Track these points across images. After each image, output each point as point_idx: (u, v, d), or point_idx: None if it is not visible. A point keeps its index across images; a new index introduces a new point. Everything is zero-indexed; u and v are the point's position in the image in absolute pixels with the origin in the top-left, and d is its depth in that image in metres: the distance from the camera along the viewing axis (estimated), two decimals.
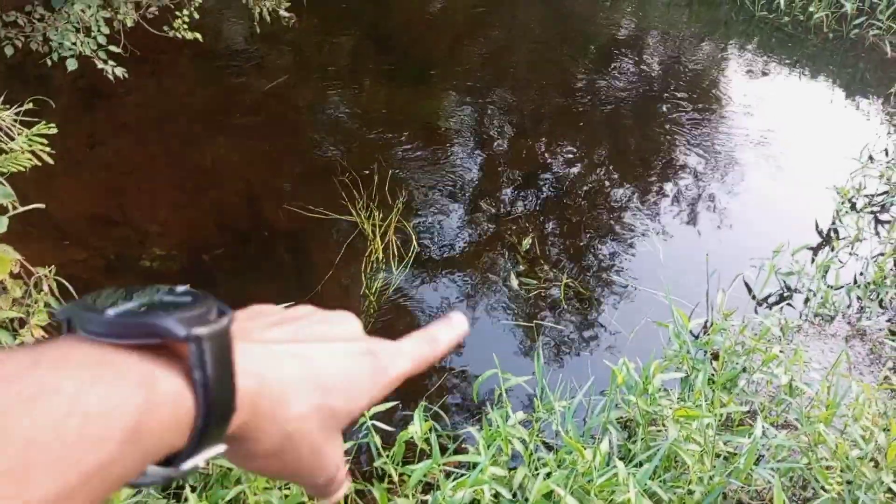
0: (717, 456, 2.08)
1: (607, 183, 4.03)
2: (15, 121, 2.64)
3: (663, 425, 2.23)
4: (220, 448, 0.34)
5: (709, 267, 3.02)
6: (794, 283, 3.18)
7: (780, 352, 2.48)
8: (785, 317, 2.93)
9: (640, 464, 2.07)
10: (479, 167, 4.14)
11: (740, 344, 2.56)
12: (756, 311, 3.04)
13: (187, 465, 0.32)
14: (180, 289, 0.34)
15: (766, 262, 3.05)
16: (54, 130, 2.51)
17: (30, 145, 2.57)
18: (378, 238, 3.42)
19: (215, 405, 0.32)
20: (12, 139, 2.52)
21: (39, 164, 2.57)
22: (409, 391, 2.87)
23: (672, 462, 2.11)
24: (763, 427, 2.03)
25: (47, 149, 2.59)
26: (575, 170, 4.13)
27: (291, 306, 0.43)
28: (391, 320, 3.18)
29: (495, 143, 4.39)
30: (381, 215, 3.56)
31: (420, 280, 3.37)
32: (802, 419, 2.14)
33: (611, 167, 4.18)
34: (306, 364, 0.37)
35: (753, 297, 3.13)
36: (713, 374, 2.43)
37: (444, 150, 4.23)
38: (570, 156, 4.25)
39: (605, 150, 4.36)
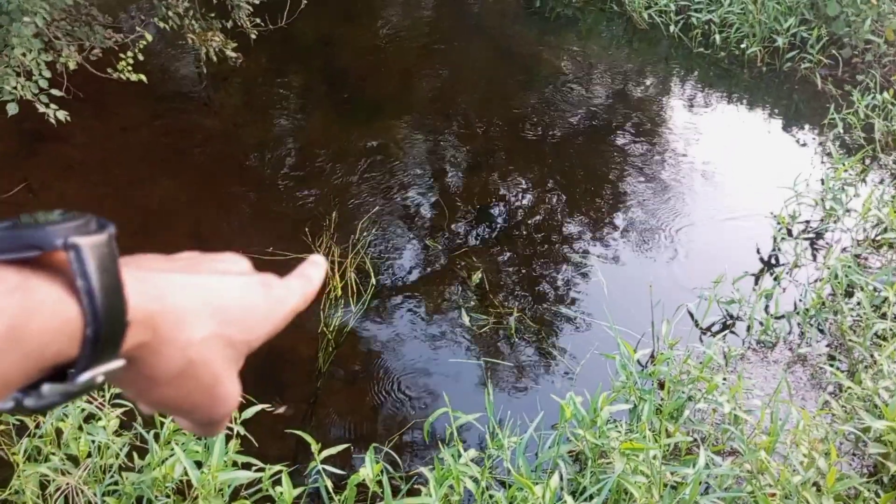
0: (666, 486, 2.11)
1: (555, 215, 4.11)
2: None
3: (613, 457, 2.26)
4: (118, 363, 0.34)
5: (653, 297, 3.09)
6: (735, 311, 3.27)
7: (724, 380, 2.54)
8: (728, 345, 3.00)
9: (591, 497, 2.08)
10: (432, 201, 4.18)
11: (686, 373, 2.61)
12: (701, 340, 3.11)
13: (83, 377, 0.32)
14: (58, 211, 0.34)
15: (705, 292, 3.14)
16: None
17: None
18: (336, 276, 3.41)
19: (104, 314, 0.32)
20: None
21: None
22: (361, 432, 2.85)
23: (622, 494, 2.13)
24: (707, 457, 2.07)
25: None
26: (523, 203, 4.20)
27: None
28: (347, 357, 3.17)
29: (446, 178, 4.44)
30: (339, 252, 3.55)
31: (376, 317, 3.37)
32: (745, 447, 2.18)
33: (558, 200, 4.26)
34: (203, 292, 0.38)
35: (697, 326, 3.20)
36: (660, 404, 2.47)
37: (397, 185, 4.26)
38: (519, 189, 4.32)
39: (552, 184, 4.44)
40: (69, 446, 2.23)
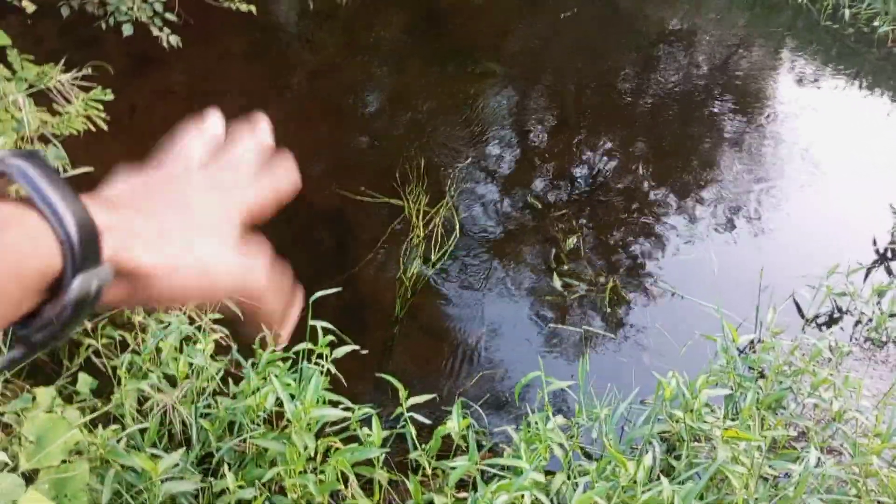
0: (764, 479, 2.03)
1: (652, 185, 3.95)
2: (73, 84, 2.64)
3: (707, 441, 2.18)
4: (105, 271, 0.34)
5: (761, 282, 2.94)
6: (845, 304, 3.09)
7: (830, 375, 2.42)
8: (836, 339, 2.85)
9: (682, 482, 2.02)
10: (524, 157, 4.08)
11: (788, 364, 2.49)
12: (804, 331, 2.97)
13: (74, 286, 0.33)
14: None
15: (819, 281, 2.97)
16: (111, 97, 2.51)
17: (85, 110, 2.57)
18: (421, 224, 3.37)
19: (69, 217, 0.32)
20: (69, 102, 2.53)
21: (94, 129, 2.57)
22: (435, 384, 2.84)
23: (715, 482, 2.06)
24: (816, 455, 1.97)
25: (102, 114, 2.59)
26: (619, 168, 4.05)
27: None
28: (422, 307, 3.14)
29: (541, 134, 4.33)
30: (426, 200, 3.51)
31: (458, 269, 3.32)
32: (854, 448, 2.07)
33: (655, 168, 4.10)
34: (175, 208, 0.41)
35: (803, 317, 3.05)
36: (758, 394, 2.37)
37: (490, 138, 4.17)
38: (615, 153, 4.17)
39: (649, 150, 4.27)
40: (168, 365, 2.28)
